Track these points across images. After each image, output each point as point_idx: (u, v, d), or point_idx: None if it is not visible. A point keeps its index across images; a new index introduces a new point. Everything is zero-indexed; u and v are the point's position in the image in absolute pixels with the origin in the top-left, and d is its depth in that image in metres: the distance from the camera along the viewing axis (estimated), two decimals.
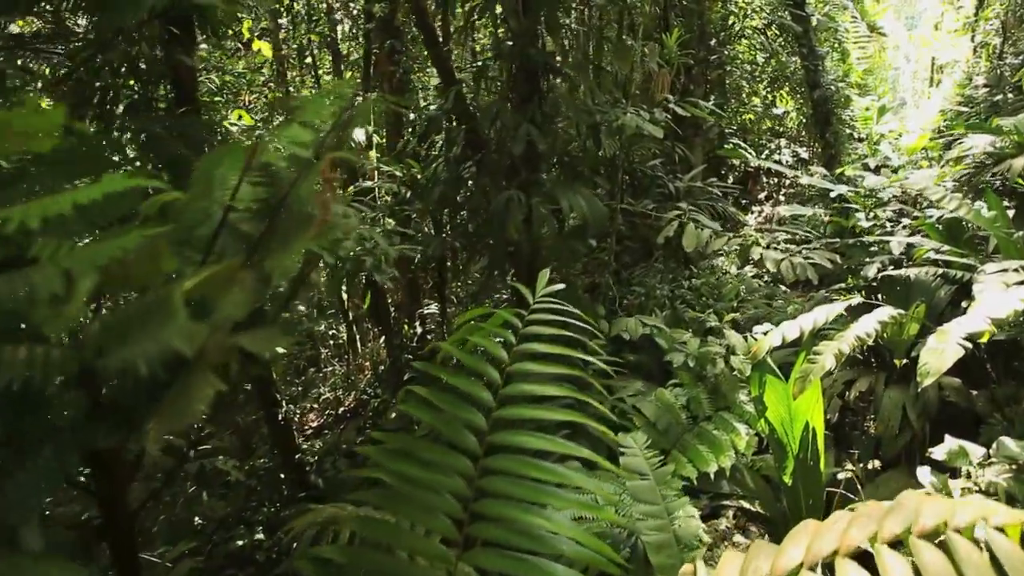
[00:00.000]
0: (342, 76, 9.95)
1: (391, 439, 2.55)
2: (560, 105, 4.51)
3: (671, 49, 6.03)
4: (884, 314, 4.05)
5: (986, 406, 4.72)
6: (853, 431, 5.53)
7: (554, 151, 4.89)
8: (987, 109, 11.06)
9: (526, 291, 2.73)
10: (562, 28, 4.63)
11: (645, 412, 4.58)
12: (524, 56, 4.41)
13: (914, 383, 4.82)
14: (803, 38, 9.51)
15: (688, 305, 6.59)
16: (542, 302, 2.70)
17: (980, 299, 3.55)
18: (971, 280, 4.33)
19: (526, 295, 2.71)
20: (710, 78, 11.03)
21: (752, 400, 4.42)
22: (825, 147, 9.63)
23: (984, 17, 12.13)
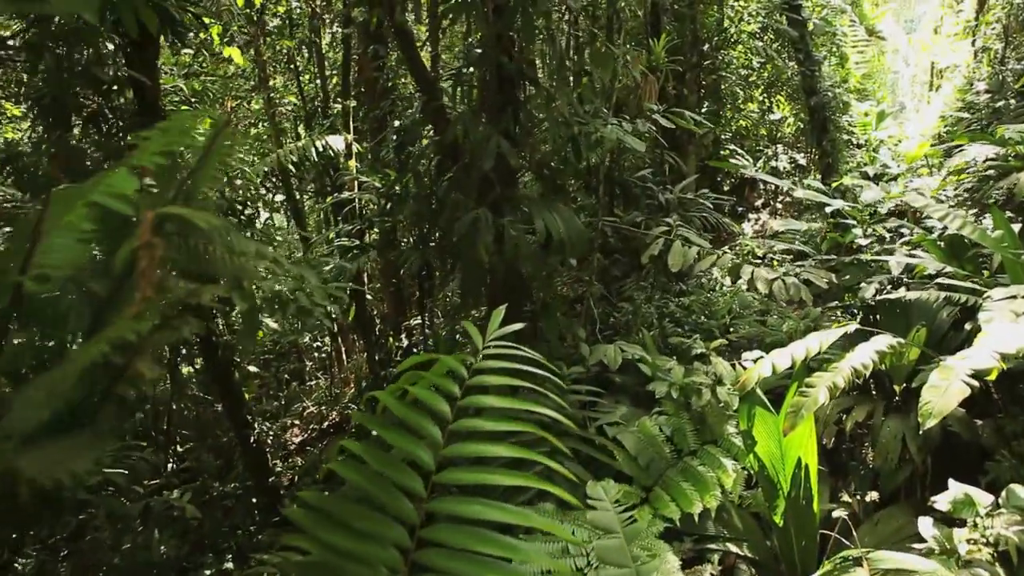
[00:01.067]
0: (326, 81, 9.65)
1: (322, 501, 2.24)
2: (537, 116, 4.21)
3: (659, 55, 5.73)
4: (882, 343, 3.74)
5: (992, 437, 4.41)
6: (850, 460, 5.22)
7: (531, 164, 4.59)
8: (989, 115, 10.76)
9: (476, 334, 2.42)
10: (539, 34, 4.33)
11: (626, 444, 4.27)
12: (497, 64, 4.11)
13: (915, 412, 4.52)
14: (799, 43, 9.20)
15: (677, 323, 6.29)
16: (493, 347, 2.40)
17: (987, 330, 3.25)
18: (976, 304, 4.03)
19: (475, 340, 2.40)
20: (705, 84, 10.75)
21: (741, 433, 4.11)
22: (822, 155, 9.33)
23: (985, 21, 11.84)
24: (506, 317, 4.78)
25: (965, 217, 4.38)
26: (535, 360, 2.40)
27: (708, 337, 6.43)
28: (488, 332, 2.41)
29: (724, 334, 6.67)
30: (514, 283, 4.71)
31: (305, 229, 10.78)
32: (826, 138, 9.23)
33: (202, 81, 7.62)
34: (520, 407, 2.24)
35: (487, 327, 2.46)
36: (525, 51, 4.31)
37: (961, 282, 3.97)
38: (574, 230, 4.14)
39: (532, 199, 4.19)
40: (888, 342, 3.77)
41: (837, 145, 9.30)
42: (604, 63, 4.34)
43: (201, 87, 8.00)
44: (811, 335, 4.02)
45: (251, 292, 2.12)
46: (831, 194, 5.90)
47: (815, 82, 9.23)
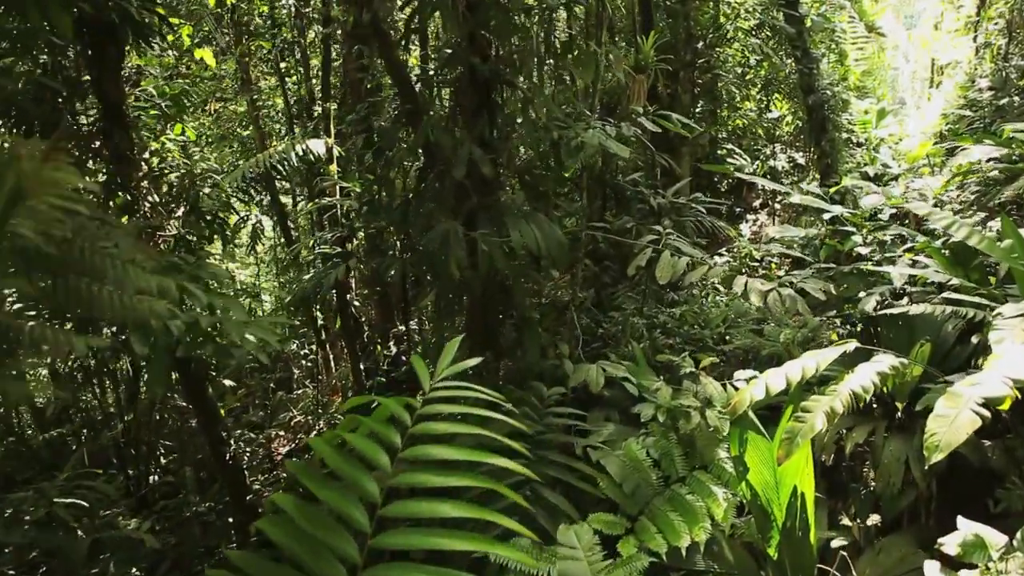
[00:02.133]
0: (311, 83, 9.37)
1: (248, 564, 1.98)
2: (515, 120, 3.95)
3: (647, 54, 5.45)
4: (884, 364, 3.47)
5: (1001, 460, 4.13)
6: (851, 481, 4.95)
7: (510, 171, 4.32)
8: (992, 113, 10.48)
9: (423, 373, 2.15)
10: (515, 33, 4.06)
11: (610, 470, 3.99)
12: (469, 65, 3.84)
13: (919, 434, 4.25)
14: (797, 40, 8.92)
15: (668, 334, 6.02)
16: (443, 387, 2.12)
17: (999, 352, 2.97)
18: (983, 319, 3.75)
19: (422, 379, 2.13)
20: (701, 82, 10.46)
21: (732, 459, 3.84)
22: (821, 155, 9.04)
23: (987, 17, 11.55)
24: (485, 333, 4.49)
25: (971, 226, 4.10)
26: (491, 398, 2.14)
27: (702, 348, 6.16)
28: (438, 369, 2.14)
29: (719, 344, 6.40)
30: (493, 297, 4.43)
31: (290, 234, 10.51)
32: (825, 138, 8.95)
33: (177, 85, 7.33)
34: (469, 458, 1.97)
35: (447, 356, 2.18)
36: (502, 51, 4.04)
37: (968, 296, 3.69)
38: (553, 241, 3.87)
39: (509, 209, 3.92)
40: (890, 363, 3.49)
41: (836, 145, 9.01)
42: (585, 64, 4.07)
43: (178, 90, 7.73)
44: (807, 355, 3.75)
45: (159, 332, 1.86)
46: (829, 199, 5.61)
47: (813, 80, 8.94)
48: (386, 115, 6.05)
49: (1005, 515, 3.65)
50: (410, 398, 2.04)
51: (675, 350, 5.89)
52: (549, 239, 3.87)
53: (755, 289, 4.48)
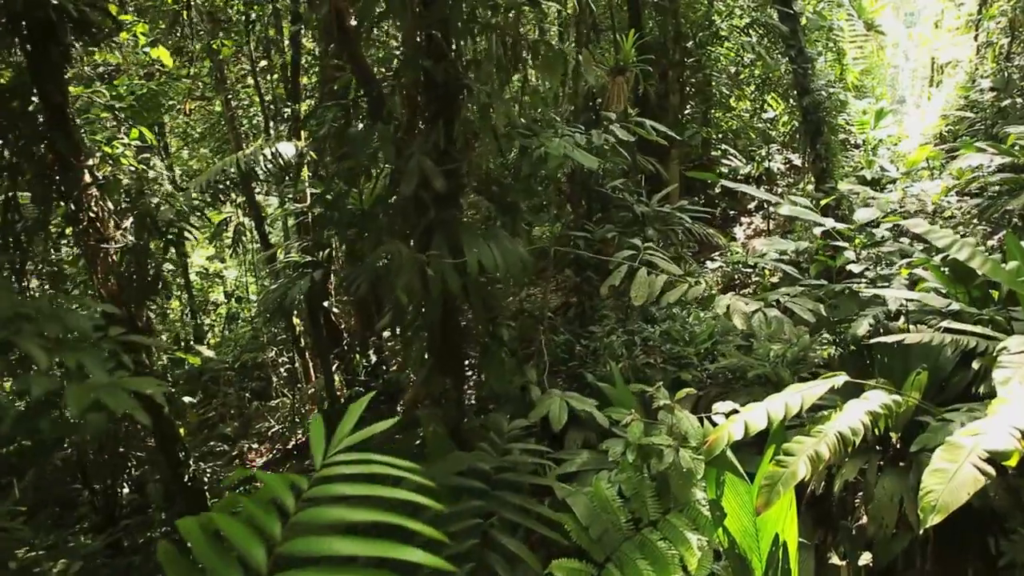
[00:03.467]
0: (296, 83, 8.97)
1: None
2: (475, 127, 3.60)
3: (627, 54, 5.09)
4: (875, 403, 3.12)
5: (1004, 499, 3.79)
6: (841, 515, 4.61)
7: (475, 182, 3.97)
8: (994, 115, 10.13)
9: (317, 441, 1.80)
10: (470, 32, 3.70)
11: (576, 511, 3.64)
12: (422, 68, 3.49)
13: (915, 470, 3.91)
14: (791, 39, 8.55)
15: (650, 352, 5.68)
16: (342, 460, 1.78)
17: (1005, 396, 2.63)
18: (987, 350, 3.41)
19: (314, 453, 1.78)
20: (695, 80, 10.08)
21: (709, 503, 3.50)
22: (816, 159, 8.69)
23: (989, 15, 11.18)
24: (447, 357, 4.13)
25: (974, 245, 3.75)
26: (401, 469, 1.79)
27: (685, 367, 5.82)
28: (336, 437, 1.79)
29: (704, 361, 6.06)
30: (453, 320, 4.09)
31: (267, 238, 10.16)
32: (820, 141, 8.59)
33: (142, 85, 6.97)
34: (367, 552, 1.62)
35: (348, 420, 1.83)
36: (461, 53, 3.69)
37: (970, 325, 3.35)
38: (514, 259, 3.52)
39: (466, 225, 3.57)
40: (882, 401, 3.15)
41: (832, 148, 8.65)
42: (552, 66, 3.72)
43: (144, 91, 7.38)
44: (792, 389, 3.40)
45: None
46: (823, 209, 5.26)
47: (808, 81, 8.58)
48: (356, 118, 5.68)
49: (1010, 568, 3.31)
50: (297, 476, 1.69)
51: (656, 369, 5.56)
52: (509, 258, 3.52)
53: (738, 311, 4.13)
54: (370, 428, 1.88)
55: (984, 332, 3.31)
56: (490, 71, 3.45)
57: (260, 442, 10.44)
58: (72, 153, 5.05)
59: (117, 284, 5.55)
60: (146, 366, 5.82)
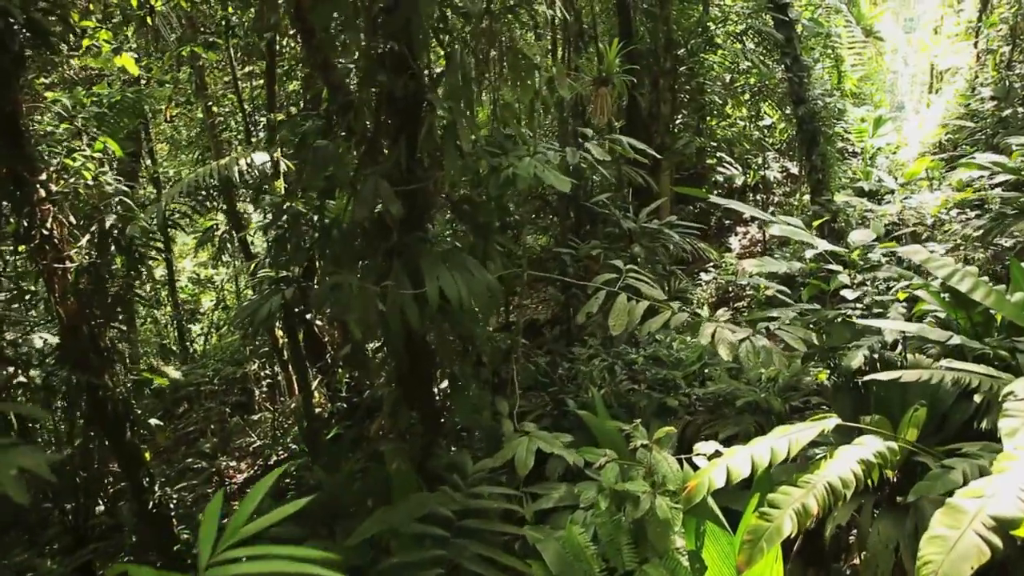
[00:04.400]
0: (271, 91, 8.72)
1: None
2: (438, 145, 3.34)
3: (611, 63, 4.83)
4: (868, 450, 2.86)
5: (1011, 545, 3.51)
6: (834, 556, 4.34)
7: (437, 204, 3.71)
8: (994, 124, 9.89)
9: (205, 538, 1.53)
10: (445, 41, 3.45)
11: (546, 557, 3.38)
12: (375, 82, 3.23)
13: (912, 514, 3.64)
14: (786, 46, 8.30)
15: (634, 377, 5.42)
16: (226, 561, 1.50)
17: (1014, 452, 2.37)
18: (991, 390, 3.14)
19: (201, 549, 1.51)
20: (690, 88, 9.82)
21: (688, 554, 3.23)
22: (812, 170, 8.43)
23: (990, 22, 10.95)
24: (415, 389, 3.85)
25: (976, 275, 3.49)
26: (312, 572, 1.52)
27: (671, 392, 5.56)
28: (230, 528, 1.52)
29: (694, 382, 5.79)
30: (419, 351, 3.82)
31: (249, 249, 9.88)
32: (816, 151, 8.33)
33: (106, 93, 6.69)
34: None
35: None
36: (430, 65, 3.43)
37: (973, 364, 3.09)
38: (479, 289, 3.26)
39: (428, 251, 3.31)
40: (876, 448, 2.88)
41: (828, 159, 8.39)
42: (525, 79, 3.47)
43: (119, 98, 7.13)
44: (779, 432, 3.14)
45: None
46: (818, 228, 4.99)
47: (803, 90, 8.33)
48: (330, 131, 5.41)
49: None
50: None
51: (640, 394, 5.29)
52: (475, 287, 3.25)
53: (724, 340, 3.87)
54: (271, 515, 1.61)
55: (988, 372, 3.05)
56: (454, 85, 3.19)
57: (240, 458, 10.16)
58: (25, 166, 4.80)
59: (76, 304, 5.29)
60: (108, 388, 5.56)
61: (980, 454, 3.02)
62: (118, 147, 6.00)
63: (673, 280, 6.83)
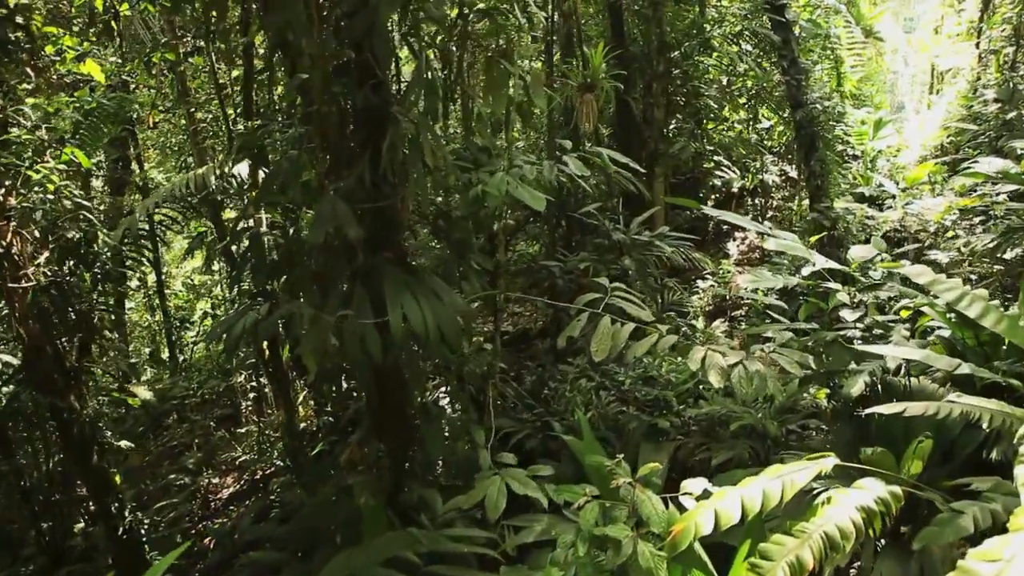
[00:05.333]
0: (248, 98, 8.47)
1: None
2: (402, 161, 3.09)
3: (596, 69, 4.59)
4: (869, 496, 2.61)
5: None
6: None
7: (405, 222, 3.46)
8: (998, 128, 9.63)
9: None
10: (416, 47, 3.20)
11: None
12: (332, 93, 2.99)
13: (919, 556, 3.39)
14: (783, 49, 8.05)
15: (624, 398, 5.17)
16: None
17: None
18: (1004, 424, 2.89)
19: None
20: (686, 91, 9.55)
21: None
22: (810, 176, 8.17)
23: (993, 22, 10.69)
24: (384, 420, 3.59)
25: (986, 299, 3.24)
26: None
27: (665, 409, 5.30)
28: None
29: (688, 399, 5.54)
30: (388, 380, 3.57)
31: (234, 259, 9.62)
32: (814, 157, 8.07)
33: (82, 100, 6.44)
34: None
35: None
36: (399, 74, 3.18)
37: (984, 401, 2.83)
38: (447, 317, 3.01)
39: (392, 276, 3.06)
40: (877, 494, 2.63)
41: (827, 165, 8.13)
42: (498, 88, 3.22)
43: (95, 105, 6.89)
44: (772, 472, 2.88)
45: None
46: (816, 243, 4.74)
47: (801, 93, 8.07)
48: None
49: None
50: None
51: (629, 416, 5.04)
52: (442, 314, 3.00)
53: (715, 366, 3.62)
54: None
55: (1000, 408, 2.80)
56: (419, 94, 2.94)
57: (226, 472, 9.90)
58: None
59: (39, 324, 5.05)
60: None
61: (992, 496, 2.77)
62: (85, 158, 5.76)
63: (666, 293, 6.57)
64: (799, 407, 4.70)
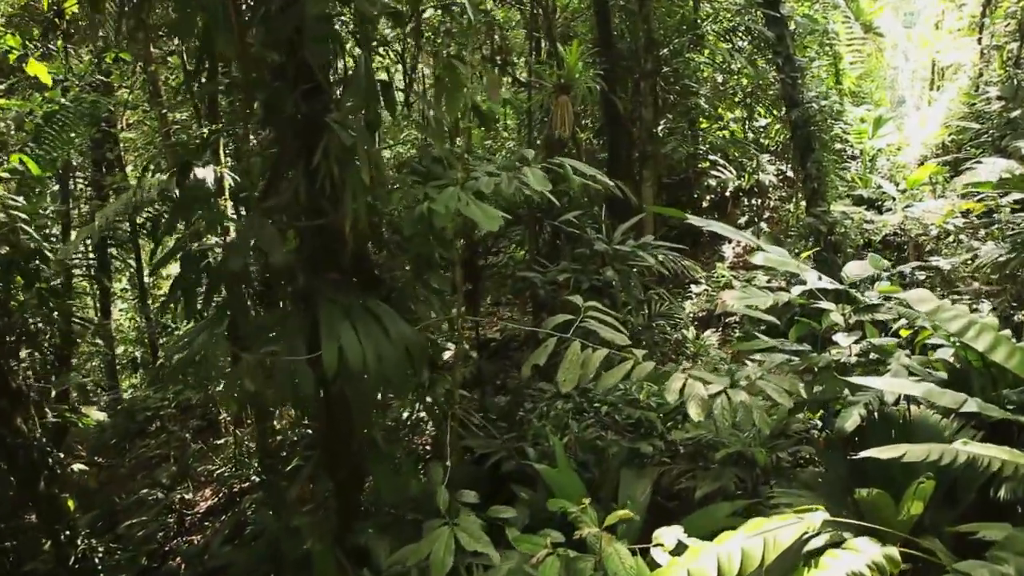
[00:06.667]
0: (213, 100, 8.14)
1: None
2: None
3: (572, 69, 4.25)
4: (861, 560, 2.28)
5: None
6: None
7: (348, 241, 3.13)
8: (1001, 126, 9.28)
9: None
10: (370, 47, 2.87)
11: None
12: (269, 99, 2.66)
13: None
14: (778, 45, 7.70)
15: (602, 421, 4.84)
16: None
17: None
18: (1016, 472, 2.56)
19: None
20: (678, 89, 9.21)
21: None
22: (806, 179, 7.83)
23: (996, 16, 10.33)
24: (335, 455, 3.27)
25: (995, 329, 2.90)
26: None
27: (648, 433, 4.98)
28: None
29: (674, 416, 5.21)
30: (337, 408, 3.24)
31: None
32: (811, 158, 7.73)
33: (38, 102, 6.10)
34: None
35: None
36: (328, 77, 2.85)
37: (995, 449, 2.49)
38: (390, 351, 2.68)
39: (330, 304, 2.72)
40: (871, 557, 2.30)
41: (824, 167, 7.79)
42: (453, 93, 2.88)
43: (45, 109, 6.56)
44: (753, 526, 2.56)
45: None
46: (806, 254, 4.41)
47: (797, 91, 7.72)
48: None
49: None
50: None
51: (609, 441, 4.71)
52: (384, 348, 2.67)
53: (696, 396, 3.29)
54: None
55: (1012, 457, 2.46)
56: (356, 100, 2.62)
57: (203, 485, 9.58)
58: None
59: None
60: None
61: (1003, 556, 2.43)
62: (35, 165, 5.43)
63: (653, 305, 6.24)
64: (791, 431, 4.37)
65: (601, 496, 4.79)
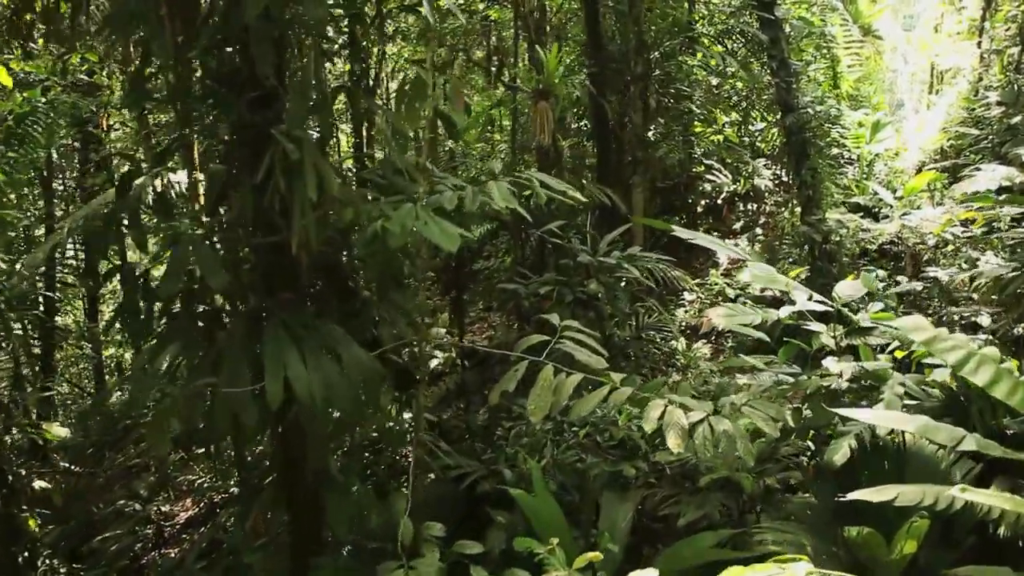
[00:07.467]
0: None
1: None
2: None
3: (551, 74, 4.05)
4: None
5: None
6: None
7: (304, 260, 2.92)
8: (1001, 132, 9.08)
9: None
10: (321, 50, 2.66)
11: None
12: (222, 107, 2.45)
13: None
14: (772, 49, 7.50)
15: (583, 445, 4.63)
16: None
17: None
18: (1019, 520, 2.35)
19: None
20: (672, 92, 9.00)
21: None
22: (802, 185, 7.63)
23: (996, 20, 10.13)
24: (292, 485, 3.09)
25: (997, 361, 2.69)
26: None
27: (632, 453, 4.77)
28: None
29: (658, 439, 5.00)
30: (292, 436, 3.03)
31: None
32: (806, 165, 7.53)
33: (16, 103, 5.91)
34: None
35: None
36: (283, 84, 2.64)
37: (995, 496, 2.30)
38: (339, 382, 2.47)
39: (274, 329, 2.52)
40: None
41: (820, 174, 7.59)
42: (413, 102, 2.67)
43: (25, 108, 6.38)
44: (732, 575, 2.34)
45: None
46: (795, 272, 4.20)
47: (792, 96, 7.52)
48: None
49: None
50: None
51: (589, 464, 4.50)
52: (334, 379, 2.46)
53: (675, 425, 3.09)
54: None
55: (1015, 507, 2.26)
56: (302, 112, 2.41)
57: (183, 495, 9.36)
58: None
59: None
60: None
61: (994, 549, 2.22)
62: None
63: (641, 316, 6.03)
64: (780, 455, 4.16)
65: (582, 520, 4.59)
